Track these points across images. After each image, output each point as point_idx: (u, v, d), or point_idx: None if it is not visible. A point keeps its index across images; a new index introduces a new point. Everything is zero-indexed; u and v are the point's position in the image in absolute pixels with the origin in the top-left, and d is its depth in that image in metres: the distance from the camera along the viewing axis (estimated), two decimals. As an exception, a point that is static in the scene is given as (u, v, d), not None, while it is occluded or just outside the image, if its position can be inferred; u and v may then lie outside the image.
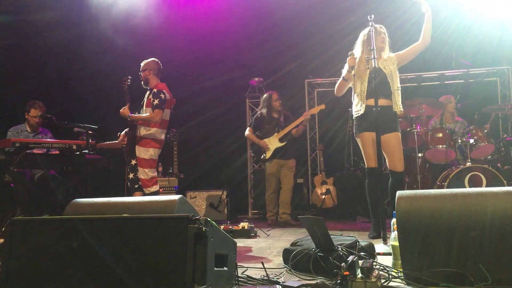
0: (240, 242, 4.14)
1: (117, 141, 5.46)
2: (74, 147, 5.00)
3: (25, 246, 2.06)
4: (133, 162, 4.63)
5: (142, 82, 4.78)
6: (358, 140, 4.22)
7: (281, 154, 6.05)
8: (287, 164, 6.10)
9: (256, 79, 8.10)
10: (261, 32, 7.97)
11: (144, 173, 4.52)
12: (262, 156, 6.11)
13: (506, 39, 7.10)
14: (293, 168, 6.16)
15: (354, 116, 4.23)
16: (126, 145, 4.77)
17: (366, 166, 4.18)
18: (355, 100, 4.20)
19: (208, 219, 2.01)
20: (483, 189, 2.96)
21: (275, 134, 6.04)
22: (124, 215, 2.08)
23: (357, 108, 4.16)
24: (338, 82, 4.33)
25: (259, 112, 6.36)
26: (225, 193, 6.61)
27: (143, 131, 4.57)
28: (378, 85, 3.86)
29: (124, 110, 4.61)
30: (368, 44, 3.91)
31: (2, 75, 6.86)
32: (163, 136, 4.71)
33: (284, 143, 6.01)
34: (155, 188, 4.58)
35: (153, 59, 4.80)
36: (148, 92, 4.73)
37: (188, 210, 2.59)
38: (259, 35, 7.93)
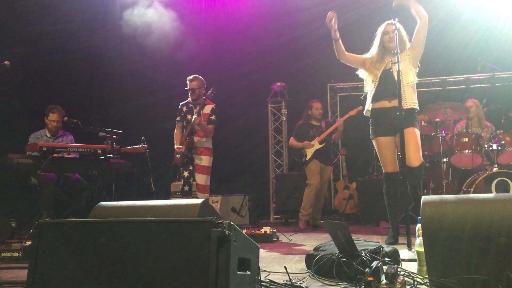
0: (263, 247, 4.13)
1: (140, 146, 5.54)
2: (99, 151, 5.10)
3: (53, 248, 2.10)
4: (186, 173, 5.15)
5: (192, 98, 5.20)
6: (374, 143, 4.20)
7: (322, 158, 6.12)
8: (324, 169, 6.17)
9: (278, 83, 8.10)
10: (283, 36, 7.98)
11: (207, 180, 5.11)
12: (304, 157, 6.14)
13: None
14: (329, 175, 6.31)
15: (365, 113, 4.24)
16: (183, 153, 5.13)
17: (383, 171, 4.14)
18: (369, 99, 4.16)
19: (231, 222, 2.02)
20: (509, 194, 2.89)
21: (316, 138, 6.11)
22: (148, 218, 2.09)
23: (366, 106, 4.17)
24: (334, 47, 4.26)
25: (300, 122, 6.43)
26: (247, 197, 6.61)
27: (210, 143, 5.21)
28: (388, 86, 3.91)
29: (197, 119, 5.03)
30: (384, 45, 4.03)
31: (26, 82, 7.03)
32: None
33: (323, 144, 6.07)
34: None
35: (200, 76, 5.24)
36: (199, 107, 5.13)
37: (210, 213, 2.60)
38: (281, 39, 7.94)
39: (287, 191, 7.05)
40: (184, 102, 5.32)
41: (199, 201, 2.59)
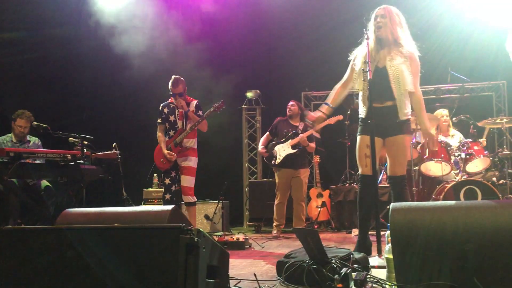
0: (234, 254, 4.11)
1: (112, 152, 5.46)
2: (69, 157, 4.99)
3: (14, 256, 2.04)
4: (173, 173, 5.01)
5: (176, 103, 5.07)
6: (357, 140, 3.81)
7: (291, 163, 5.98)
8: (299, 174, 6.01)
9: (253, 91, 8.12)
10: (258, 43, 8.01)
11: (193, 182, 4.99)
12: (273, 161, 6.06)
13: (502, 54, 7.14)
14: (305, 179, 6.08)
15: (359, 118, 3.84)
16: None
17: (359, 173, 3.81)
18: (360, 101, 3.80)
19: (200, 229, 1.99)
20: (477, 202, 2.96)
21: (290, 140, 5.99)
22: (116, 225, 2.06)
23: (361, 110, 3.78)
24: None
25: (280, 118, 6.32)
26: (220, 204, 6.58)
27: (195, 143, 5.11)
28: (380, 87, 3.54)
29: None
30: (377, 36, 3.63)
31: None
32: None
33: (296, 150, 5.94)
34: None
35: (180, 77, 5.10)
36: (181, 103, 5.01)
37: (181, 220, 2.57)
38: (256, 47, 7.97)
39: (261, 199, 7.04)
40: (165, 103, 5.18)
41: (169, 207, 2.56)
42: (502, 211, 2.16)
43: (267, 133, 6.35)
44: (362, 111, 3.78)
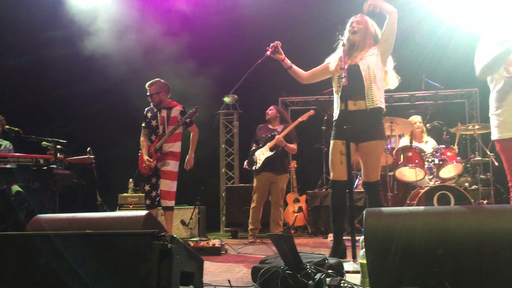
0: (210, 260, 4.08)
1: (86, 156, 5.37)
2: (42, 161, 4.89)
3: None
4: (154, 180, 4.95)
5: (153, 104, 5.02)
6: (330, 145, 3.86)
7: (272, 167, 5.94)
8: (276, 180, 5.99)
9: (230, 96, 8.11)
10: (235, 48, 8.01)
11: (172, 186, 4.90)
12: (254, 166, 6.02)
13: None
14: (282, 185, 6.05)
15: (333, 119, 3.87)
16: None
17: (331, 178, 3.84)
18: (335, 102, 3.86)
19: (174, 235, 1.98)
20: (449, 207, 3.01)
21: (268, 144, 5.96)
22: (87, 231, 2.02)
23: (336, 111, 3.82)
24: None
25: (260, 125, 6.34)
26: (196, 210, 6.54)
27: (178, 147, 5.03)
28: (352, 83, 3.55)
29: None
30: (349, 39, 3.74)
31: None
32: None
33: (273, 152, 5.90)
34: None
35: (160, 80, 5.05)
36: (165, 111, 4.99)
37: (154, 226, 2.54)
38: (233, 51, 7.97)
39: (238, 204, 7.03)
40: (149, 108, 5.13)
41: (142, 213, 2.53)
42: (473, 216, 2.20)
43: (253, 144, 6.28)
44: (335, 114, 3.83)
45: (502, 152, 3.28)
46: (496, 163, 5.50)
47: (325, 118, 7.09)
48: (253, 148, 6.15)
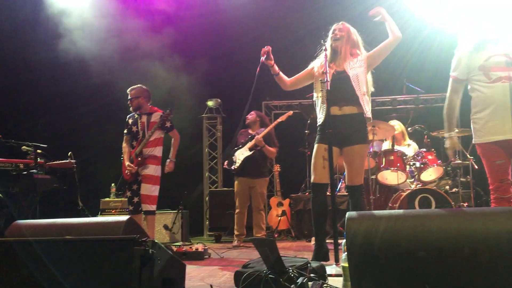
0: (193, 265, 4.07)
1: (67, 161, 5.32)
2: (22, 166, 4.82)
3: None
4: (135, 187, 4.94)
5: (132, 108, 5.02)
6: (314, 148, 3.85)
7: (249, 171, 5.96)
8: (255, 184, 6.02)
9: (214, 100, 8.11)
10: (219, 52, 8.01)
11: (153, 190, 4.89)
12: (233, 166, 6.02)
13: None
14: (262, 189, 6.07)
15: (318, 124, 3.87)
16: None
17: (312, 181, 3.82)
18: (318, 106, 3.86)
19: (156, 240, 1.96)
20: (429, 210, 3.05)
21: (247, 144, 5.99)
22: (66, 237, 1.99)
23: (320, 115, 3.82)
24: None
25: (242, 129, 6.35)
26: (180, 214, 6.50)
27: (159, 151, 5.03)
28: (340, 90, 3.60)
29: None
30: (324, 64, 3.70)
31: None
32: None
33: (252, 151, 5.92)
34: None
35: (142, 86, 5.08)
36: (145, 116, 5.00)
37: (136, 231, 2.51)
38: (217, 55, 7.97)
39: (221, 208, 7.01)
40: (130, 115, 5.14)
41: (124, 218, 2.50)
42: (452, 219, 2.23)
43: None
44: (319, 119, 3.84)
45: (483, 156, 3.32)
46: (476, 166, 5.58)
47: (308, 122, 7.12)
48: (234, 148, 6.17)
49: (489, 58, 3.25)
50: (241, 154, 5.99)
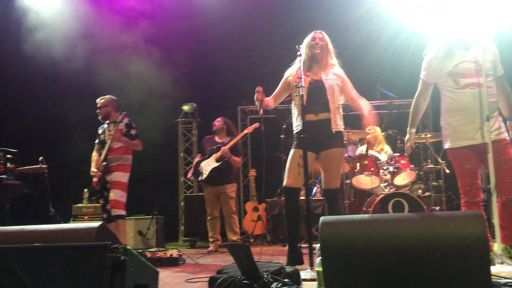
0: (167, 271, 4.02)
1: (38, 166, 5.22)
2: (-10, 171, 4.71)
3: None
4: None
5: (100, 117, 5.08)
6: (290, 153, 3.84)
7: (215, 180, 5.99)
8: (224, 190, 6.03)
9: (189, 104, 8.07)
10: (195, 56, 7.98)
11: (121, 196, 4.88)
12: (200, 177, 6.02)
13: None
14: (232, 194, 6.11)
15: (294, 131, 3.88)
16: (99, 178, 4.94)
17: (283, 184, 3.82)
18: (295, 114, 3.88)
19: (128, 247, 1.93)
20: (401, 215, 3.09)
21: (214, 155, 5.99)
22: (35, 244, 1.95)
23: (297, 123, 3.83)
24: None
25: (207, 136, 6.40)
26: (154, 220, 6.43)
27: (127, 160, 5.03)
28: (315, 98, 3.66)
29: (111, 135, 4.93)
30: (311, 54, 3.82)
31: None
32: None
33: (220, 163, 5.93)
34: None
35: (111, 96, 5.18)
36: (112, 125, 5.02)
37: (108, 238, 2.47)
38: (193, 60, 7.94)
39: (197, 213, 6.96)
40: (101, 125, 5.21)
41: (95, 224, 2.46)
42: (423, 223, 2.27)
43: (199, 154, 6.37)
44: (296, 125, 3.87)
45: (453, 160, 3.40)
46: (447, 171, 5.69)
47: (284, 126, 7.15)
48: (197, 159, 6.23)
49: (458, 64, 3.31)
50: (208, 165, 6.01)
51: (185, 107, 8.11)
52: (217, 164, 5.95)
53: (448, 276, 2.17)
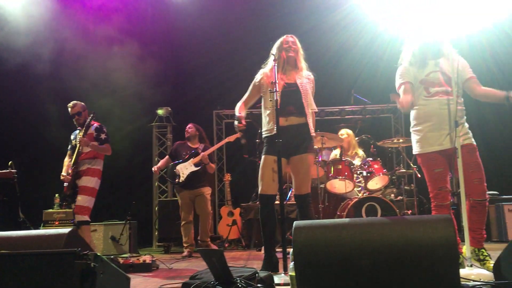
0: (140, 277, 3.97)
1: (7, 171, 5.11)
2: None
3: None
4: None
5: (77, 123, 5.07)
6: (262, 160, 3.84)
7: (193, 183, 6.00)
8: (201, 193, 6.06)
9: (164, 108, 8.01)
10: (170, 60, 7.94)
11: (87, 201, 4.84)
12: (176, 179, 5.99)
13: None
14: (208, 196, 6.16)
15: (264, 135, 3.85)
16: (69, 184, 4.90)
17: (259, 192, 3.81)
18: (266, 118, 3.83)
19: (98, 254, 1.90)
20: (373, 219, 3.13)
21: (192, 159, 6.01)
22: (2, 251, 1.90)
23: (268, 127, 3.79)
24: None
25: (179, 142, 6.40)
26: (128, 225, 6.35)
27: (98, 164, 5.00)
28: (289, 102, 3.65)
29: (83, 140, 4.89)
30: (285, 57, 3.79)
31: None
32: None
33: (199, 167, 5.97)
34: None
35: (79, 102, 5.12)
36: (84, 130, 4.96)
37: (78, 244, 2.43)
38: (167, 63, 7.89)
39: (171, 218, 6.91)
40: (74, 131, 5.18)
41: (65, 230, 2.42)
42: (395, 228, 2.31)
43: (167, 156, 6.37)
44: (267, 130, 3.84)
45: (423, 165, 3.48)
46: (419, 175, 5.80)
47: (259, 131, 7.14)
48: (165, 162, 6.25)
49: (430, 73, 3.45)
50: (185, 169, 6.01)
51: (160, 111, 8.06)
52: (196, 168, 5.98)
53: (418, 279, 2.21)
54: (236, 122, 3.80)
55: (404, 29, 3.84)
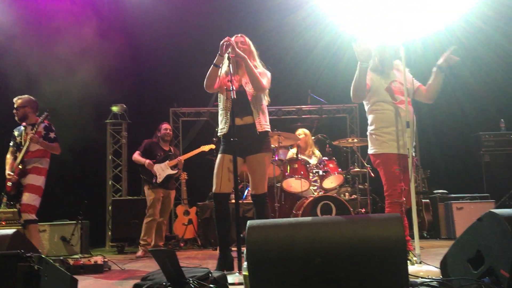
0: (90, 279, 3.86)
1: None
2: None
3: None
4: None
5: (17, 118, 4.91)
6: (217, 159, 3.87)
7: (167, 184, 6.07)
8: (169, 195, 6.13)
9: (119, 105, 7.82)
10: (126, 56, 7.75)
11: (34, 200, 4.71)
12: (154, 179, 5.94)
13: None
14: (172, 199, 6.27)
15: (219, 133, 3.89)
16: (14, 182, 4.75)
17: (214, 191, 3.82)
18: (221, 116, 3.86)
19: (42, 256, 1.83)
20: (326, 218, 3.16)
21: (167, 161, 6.01)
22: None
23: (223, 125, 3.81)
24: (209, 71, 3.79)
25: (150, 140, 6.28)
26: (79, 225, 6.16)
27: (44, 163, 4.84)
28: (240, 102, 3.64)
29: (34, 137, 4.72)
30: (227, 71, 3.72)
31: None
32: None
33: (176, 171, 6.06)
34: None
35: (30, 96, 4.96)
36: (30, 127, 4.84)
37: (24, 245, 2.33)
38: (124, 59, 7.70)
39: (125, 217, 6.77)
40: (17, 127, 4.98)
41: (10, 231, 2.31)
42: (346, 226, 2.33)
43: (139, 152, 6.19)
44: (221, 128, 3.84)
45: (383, 164, 3.60)
46: (373, 174, 5.93)
47: (216, 129, 7.12)
48: (138, 156, 6.11)
49: (392, 82, 3.66)
50: (162, 170, 6.01)
51: (114, 108, 7.86)
52: (173, 171, 6.06)
53: (368, 277, 2.24)
54: None
55: (362, 30, 3.90)
